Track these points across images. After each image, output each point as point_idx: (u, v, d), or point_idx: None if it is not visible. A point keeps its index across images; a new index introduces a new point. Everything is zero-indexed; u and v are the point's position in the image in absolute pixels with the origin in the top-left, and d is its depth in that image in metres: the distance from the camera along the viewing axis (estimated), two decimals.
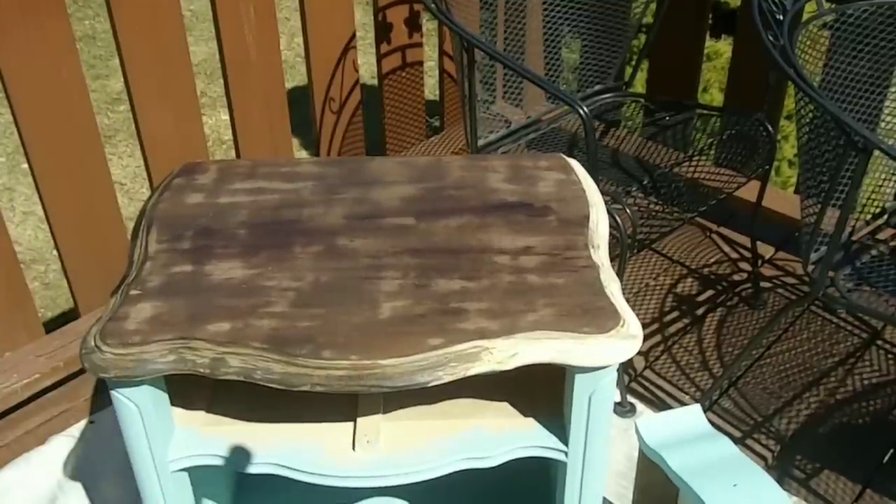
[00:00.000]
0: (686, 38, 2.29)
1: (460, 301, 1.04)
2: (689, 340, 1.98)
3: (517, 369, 0.99)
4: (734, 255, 2.23)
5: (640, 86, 2.74)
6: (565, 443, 1.10)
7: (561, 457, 1.11)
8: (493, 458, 1.10)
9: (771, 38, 1.46)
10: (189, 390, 1.18)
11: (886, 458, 1.69)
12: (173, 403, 1.14)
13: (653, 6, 2.14)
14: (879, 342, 1.96)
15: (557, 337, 0.99)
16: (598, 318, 1.01)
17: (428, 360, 0.97)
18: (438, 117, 2.74)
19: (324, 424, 1.15)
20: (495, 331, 0.99)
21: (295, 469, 1.10)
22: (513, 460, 1.11)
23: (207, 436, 1.14)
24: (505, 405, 1.16)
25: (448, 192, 1.24)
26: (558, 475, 1.17)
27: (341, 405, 1.16)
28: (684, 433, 1.29)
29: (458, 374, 0.97)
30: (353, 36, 2.25)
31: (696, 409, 1.33)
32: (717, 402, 1.82)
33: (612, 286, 1.06)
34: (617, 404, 1.76)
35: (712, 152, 1.98)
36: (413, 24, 2.40)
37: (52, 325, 2.02)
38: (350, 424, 1.15)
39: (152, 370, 1.01)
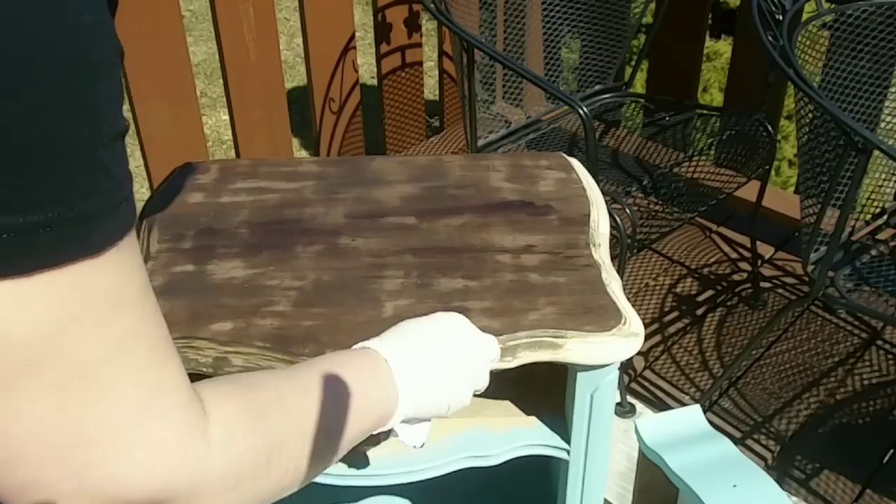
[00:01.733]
0: (686, 38, 2.30)
1: (462, 300, 1.04)
2: (688, 340, 1.98)
3: (518, 368, 0.99)
4: (734, 255, 2.23)
5: (639, 86, 2.75)
6: (567, 441, 1.10)
7: (563, 455, 1.11)
8: (494, 456, 1.10)
9: (771, 38, 1.46)
10: None
11: (886, 458, 1.69)
12: None
13: (653, 6, 2.14)
14: (879, 342, 1.96)
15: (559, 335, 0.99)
16: (600, 316, 1.01)
17: None
18: (438, 117, 2.75)
19: None
20: (497, 329, 0.99)
21: None
22: (514, 459, 1.11)
23: None
24: (506, 403, 1.16)
25: (449, 192, 1.24)
26: (560, 474, 1.17)
27: None
28: (684, 433, 1.30)
29: None
30: (353, 36, 2.25)
31: (696, 409, 1.33)
32: (716, 402, 1.82)
33: (614, 284, 1.06)
34: (617, 404, 1.76)
35: (712, 152, 1.99)
36: (412, 25, 2.40)
37: None
38: None
39: None
